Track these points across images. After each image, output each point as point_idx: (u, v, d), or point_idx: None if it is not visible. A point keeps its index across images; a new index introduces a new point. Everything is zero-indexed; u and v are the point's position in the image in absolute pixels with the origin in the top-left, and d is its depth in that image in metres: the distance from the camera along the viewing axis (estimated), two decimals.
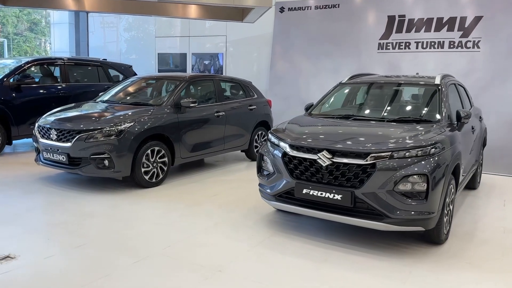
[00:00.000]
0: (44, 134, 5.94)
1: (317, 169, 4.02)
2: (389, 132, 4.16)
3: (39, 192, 5.65)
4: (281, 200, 4.34)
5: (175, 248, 3.97)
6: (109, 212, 4.99)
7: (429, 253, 4.00)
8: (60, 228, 4.40)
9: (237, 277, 3.43)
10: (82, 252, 3.85)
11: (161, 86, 7.23)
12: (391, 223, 3.79)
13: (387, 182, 3.76)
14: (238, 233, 4.43)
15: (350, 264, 3.73)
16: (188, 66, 11.36)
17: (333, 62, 9.16)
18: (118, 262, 3.65)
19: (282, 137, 4.37)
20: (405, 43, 8.52)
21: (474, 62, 7.89)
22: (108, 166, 5.58)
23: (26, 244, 3.96)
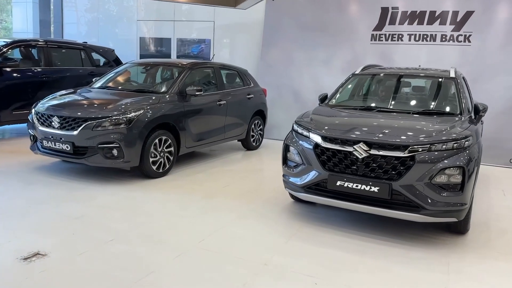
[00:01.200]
0: (44, 122, 5.60)
1: (352, 161, 4.02)
2: (423, 125, 4.21)
3: (41, 183, 5.34)
4: (310, 192, 4.31)
5: (210, 242, 3.87)
6: (125, 204, 4.80)
7: (458, 243, 4.11)
8: (82, 222, 4.18)
9: (286, 271, 3.39)
10: (115, 247, 3.67)
11: (162, 73, 6.98)
12: (428, 214, 3.86)
13: (425, 174, 3.81)
14: (265, 225, 4.37)
15: (389, 256, 3.77)
16: (173, 51, 11.04)
17: (326, 52, 9.17)
18: (158, 257, 3.51)
19: (312, 129, 4.33)
20: (398, 35, 8.64)
21: (465, 55, 8.13)
22: (117, 156, 5.35)
23: (51, 240, 3.74)
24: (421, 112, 4.70)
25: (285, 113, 9.34)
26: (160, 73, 6.98)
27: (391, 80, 5.49)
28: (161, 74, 6.96)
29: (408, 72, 5.49)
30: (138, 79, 7.01)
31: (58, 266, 3.29)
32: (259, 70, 9.67)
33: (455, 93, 4.95)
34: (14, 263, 3.28)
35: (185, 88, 6.22)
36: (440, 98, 5.04)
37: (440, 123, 4.27)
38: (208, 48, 10.61)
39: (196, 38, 10.77)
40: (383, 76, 5.51)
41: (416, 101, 5.13)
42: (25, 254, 3.43)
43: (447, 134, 3.97)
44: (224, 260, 3.53)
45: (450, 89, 5.05)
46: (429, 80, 5.32)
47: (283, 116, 9.31)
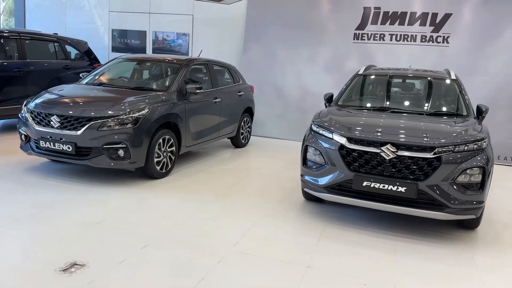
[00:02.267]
0: (41, 121, 5.28)
1: (379, 162, 4.13)
2: (443, 127, 4.40)
3: (41, 187, 5.06)
4: (333, 192, 4.39)
5: (245, 244, 3.85)
6: (140, 206, 4.65)
7: (472, 238, 4.34)
8: (104, 227, 4.01)
9: (330, 273, 3.44)
10: (153, 253, 3.56)
11: (157, 69, 6.77)
12: (451, 212, 4.05)
13: (449, 174, 4.00)
14: (290, 225, 4.41)
15: (418, 253, 3.93)
16: (148, 45, 10.71)
17: (309, 49, 9.26)
18: (201, 263, 3.45)
19: (335, 130, 4.40)
20: (380, 34, 8.90)
21: (443, 56, 8.52)
22: (123, 156, 5.15)
23: (81, 248, 3.56)
24: (432, 113, 4.90)
25: (268, 110, 9.38)
26: (155, 69, 6.76)
27: (396, 81, 5.66)
28: (156, 71, 6.74)
29: (411, 74, 5.69)
30: (131, 75, 6.75)
31: (104, 276, 3.15)
32: (241, 67, 9.61)
33: (459, 94, 5.20)
34: (56, 276, 3.10)
35: (185, 85, 6.09)
36: (446, 100, 5.27)
37: (456, 124, 4.48)
38: (186, 42, 10.40)
39: (173, 32, 10.50)
40: (388, 77, 5.67)
41: (424, 102, 5.34)
42: (61, 265, 3.26)
43: (467, 136, 4.18)
44: (266, 263, 3.53)
45: (453, 91, 5.29)
46: (433, 81, 5.53)
47: (266, 113, 9.35)
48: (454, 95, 5.25)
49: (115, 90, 5.84)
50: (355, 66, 8.96)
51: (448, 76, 5.51)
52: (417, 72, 5.77)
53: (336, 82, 9.09)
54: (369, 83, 5.74)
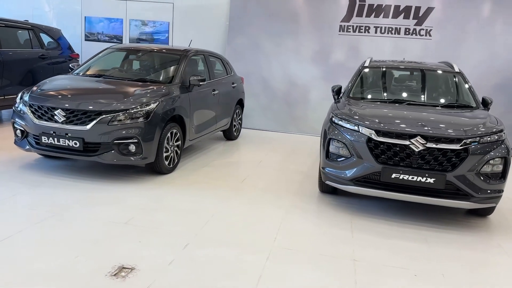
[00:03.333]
0: (43, 115, 4.94)
1: (408, 154, 4.21)
2: (465, 119, 4.54)
3: (47, 185, 4.75)
4: (359, 184, 4.43)
5: (284, 240, 3.80)
6: (162, 204, 4.47)
7: (489, 226, 4.54)
8: (135, 227, 3.83)
9: (379, 266, 3.48)
10: (197, 252, 3.44)
11: (156, 61, 6.49)
12: (476, 201, 4.21)
13: (475, 165, 4.14)
14: (319, 219, 4.41)
15: (449, 242, 4.05)
16: (125, 34, 10.26)
17: (295, 41, 9.24)
18: (250, 261, 3.38)
19: (361, 123, 4.42)
20: (365, 27, 9.03)
21: (426, 49, 8.79)
22: (135, 152, 4.93)
23: (122, 250, 3.38)
24: (447, 105, 5.05)
25: (253, 102, 9.30)
26: (153, 60, 6.48)
27: (404, 73, 5.77)
28: (155, 62, 6.47)
29: (418, 67, 5.81)
30: (128, 66, 6.44)
31: (160, 279, 3.00)
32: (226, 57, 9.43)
33: (467, 87, 5.38)
34: (110, 282, 2.92)
35: (188, 77, 5.90)
36: (455, 92, 5.44)
37: (476, 116, 4.64)
38: (166, 31, 10.06)
39: (152, 20, 10.13)
40: (396, 69, 5.76)
41: (436, 94, 5.47)
42: (110, 269, 3.07)
43: (489, 127, 4.34)
44: (314, 258, 3.51)
45: (460, 83, 5.47)
46: (440, 74, 5.68)
47: (251, 105, 9.27)
48: (461, 87, 5.42)
49: (118, 82, 5.55)
50: (341, 58, 9.10)
51: (452, 68, 5.69)
52: (423, 65, 5.90)
53: (322, 74, 9.20)
54: (377, 76, 5.80)
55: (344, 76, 9.02)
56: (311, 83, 9.26)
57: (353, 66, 8.96)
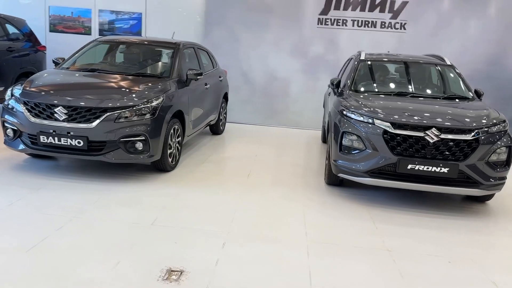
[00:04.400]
0: (41, 113, 4.62)
1: (423, 145, 4.35)
2: (471, 110, 4.75)
3: (51, 188, 4.48)
4: (375, 176, 4.53)
5: (315, 234, 3.82)
6: (181, 203, 4.35)
7: (490, 210, 4.81)
8: (164, 228, 3.70)
9: (412, 255, 3.59)
10: (238, 250, 3.39)
11: (149, 54, 6.25)
12: (484, 188, 4.44)
13: (484, 154, 4.36)
14: (339, 212, 4.44)
15: (462, 229, 4.24)
16: (94, 25, 9.76)
17: (274, 33, 9.22)
18: (293, 255, 3.38)
19: (376, 116, 4.52)
20: (343, 20, 9.17)
21: (401, 42, 9.08)
22: (142, 150, 4.74)
23: (162, 252, 3.26)
24: (447, 97, 5.27)
25: (233, 95, 9.20)
26: (145, 53, 6.22)
27: (402, 66, 5.92)
28: (147, 55, 6.22)
29: (413, 59, 5.99)
30: (120, 60, 6.15)
31: (214, 281, 2.92)
32: None
33: (460, 79, 5.63)
34: (165, 287, 2.80)
35: (184, 71, 5.75)
36: (451, 84, 5.67)
37: (479, 107, 4.88)
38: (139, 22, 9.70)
39: (123, 10, 9.71)
40: (393, 62, 5.91)
41: (435, 87, 5.68)
42: (158, 273, 2.96)
43: (494, 118, 4.58)
44: (351, 251, 3.56)
45: (454, 75, 5.71)
46: (434, 67, 5.90)
47: (231, 98, 9.15)
48: (456, 79, 5.67)
49: (117, 77, 5.29)
50: (320, 51, 9.21)
51: (444, 61, 5.92)
52: (417, 57, 6.10)
53: (302, 66, 9.27)
54: (376, 69, 5.91)
55: (324, 69, 9.19)
56: (291, 76, 9.30)
57: (332, 59, 9.14)
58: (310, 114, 9.19)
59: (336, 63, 9.11)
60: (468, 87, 5.52)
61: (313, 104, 9.17)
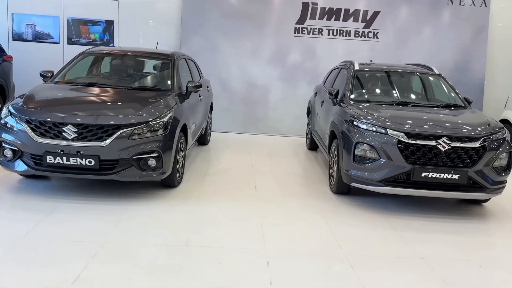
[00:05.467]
0: (47, 132, 4.35)
1: (435, 153, 4.56)
2: (474, 118, 5.04)
3: (64, 211, 4.23)
4: (389, 185, 4.68)
5: (347, 245, 3.89)
6: (204, 220, 4.26)
7: (491, 212, 5.11)
8: (200, 247, 3.63)
9: (444, 261, 3.74)
10: (284, 267, 3.38)
11: (146, 66, 6.06)
12: (489, 192, 4.73)
13: (489, 160, 4.64)
14: (358, 221, 4.51)
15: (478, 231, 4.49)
16: (62, 34, 9.28)
17: (252, 42, 9.24)
18: (341, 271, 3.42)
19: (389, 126, 4.67)
20: (319, 29, 9.37)
21: (374, 50, 9.41)
22: (155, 166, 4.60)
23: (212, 275, 3.19)
24: (444, 106, 5.55)
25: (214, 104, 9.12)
26: (142, 65, 6.02)
27: (394, 77, 6.15)
28: (144, 67, 6.02)
29: (405, 69, 6.25)
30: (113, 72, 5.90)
31: None
32: None
33: (451, 88, 5.94)
34: None
35: (183, 83, 5.65)
36: (444, 93, 5.95)
37: (478, 115, 5.19)
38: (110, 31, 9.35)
39: (93, 18, 9.33)
40: (388, 73, 6.12)
41: (431, 96, 5.94)
42: None
43: (496, 125, 4.89)
44: (389, 261, 3.66)
45: (444, 84, 6.00)
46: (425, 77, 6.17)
47: None
48: (447, 88, 5.97)
49: (119, 92, 5.10)
50: (298, 59, 9.37)
51: (432, 71, 6.23)
52: (408, 67, 6.36)
53: (280, 74, 9.38)
54: (371, 79, 6.10)
55: (302, 76, 9.36)
56: (270, 84, 9.37)
57: (310, 67, 9.33)
58: (290, 122, 9.31)
59: (314, 71, 9.33)
60: (459, 96, 5.84)
61: (293, 111, 9.30)
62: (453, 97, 5.83)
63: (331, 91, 5.91)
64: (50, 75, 5.55)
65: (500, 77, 9.78)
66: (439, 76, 6.13)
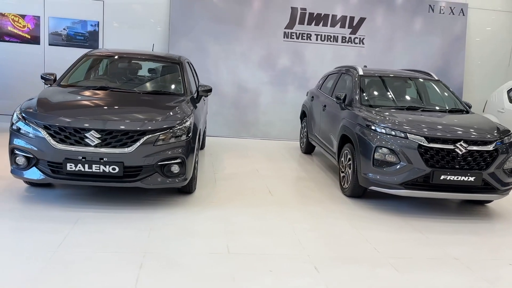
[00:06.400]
0: (68, 138, 4.14)
1: (452, 157, 4.72)
2: (485, 122, 5.26)
3: (90, 221, 4.04)
4: (409, 188, 4.80)
5: (383, 249, 3.95)
6: (235, 226, 4.19)
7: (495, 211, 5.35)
8: (243, 255, 3.57)
9: (477, 261, 3.87)
10: (335, 273, 3.38)
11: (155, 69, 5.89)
12: (499, 193, 4.95)
13: (501, 163, 4.86)
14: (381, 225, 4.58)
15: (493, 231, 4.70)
16: (43, 34, 8.85)
17: (242, 46, 9.20)
18: (385, 275, 3.46)
19: (409, 131, 4.79)
20: (307, 34, 9.47)
21: (360, 55, 9.63)
22: (178, 173, 4.48)
23: (269, 282, 3.14)
24: (451, 110, 5.77)
25: None
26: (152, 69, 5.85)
27: (398, 82, 6.31)
28: (153, 71, 5.85)
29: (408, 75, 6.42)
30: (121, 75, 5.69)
31: None
32: None
33: (450, 92, 6.18)
34: None
35: (192, 87, 5.57)
36: (446, 97, 6.17)
37: (485, 119, 5.44)
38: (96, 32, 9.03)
39: (77, 19, 8.97)
40: (388, 77, 6.27)
41: (436, 101, 6.13)
42: None
43: (504, 130, 5.12)
44: (430, 264, 3.74)
45: (445, 89, 6.23)
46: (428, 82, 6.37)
47: None
48: (448, 93, 6.19)
49: (135, 96, 4.95)
50: (287, 64, 9.44)
51: (432, 77, 6.45)
52: (409, 73, 6.55)
53: (270, 78, 9.40)
54: (377, 84, 6.22)
55: (291, 80, 9.42)
56: (260, 88, 9.37)
57: (299, 71, 9.42)
58: (280, 125, 9.35)
59: (303, 75, 9.43)
60: (460, 100, 6.08)
61: (283, 115, 9.35)
62: (456, 102, 6.06)
63: (339, 95, 5.98)
64: (53, 78, 5.29)
65: (477, 82, 10.27)
66: (438, 82, 6.36)
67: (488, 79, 10.27)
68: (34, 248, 3.41)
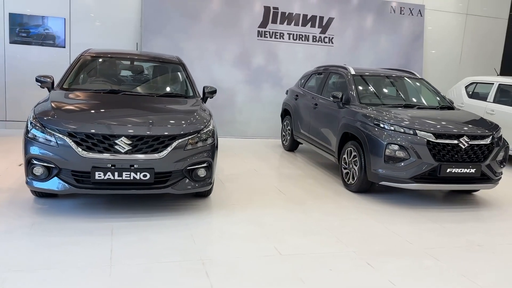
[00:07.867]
0: (97, 145, 3.92)
1: (456, 151, 5.09)
2: (472, 117, 5.69)
3: (124, 231, 3.88)
4: (419, 181, 5.10)
5: (417, 241, 4.17)
6: (275, 228, 4.23)
7: (486, 199, 5.84)
8: (297, 256, 3.62)
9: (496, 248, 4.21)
10: (388, 267, 3.54)
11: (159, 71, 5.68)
12: (493, 183, 5.41)
13: (495, 155, 5.31)
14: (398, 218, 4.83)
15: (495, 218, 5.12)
16: (3, 32, 8.15)
17: (216, 44, 9.11)
18: (436, 265, 3.68)
19: (417, 127, 5.08)
20: (280, 33, 9.59)
21: (330, 54, 9.93)
22: (204, 177, 4.42)
23: (338, 281, 3.23)
24: (441, 107, 6.17)
25: None
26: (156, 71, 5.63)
27: (388, 80, 6.63)
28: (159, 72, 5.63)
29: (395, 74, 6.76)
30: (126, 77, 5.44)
31: None
32: None
33: (435, 91, 6.61)
34: None
35: (203, 88, 5.50)
36: (432, 95, 6.58)
37: (475, 115, 5.86)
38: (62, 30, 8.49)
39: (41, 15, 8.37)
40: (381, 77, 6.57)
41: (427, 98, 6.50)
42: None
43: (495, 124, 5.59)
44: (461, 251, 4.02)
45: (431, 88, 6.65)
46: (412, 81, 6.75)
47: None
48: (433, 91, 6.62)
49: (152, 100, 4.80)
50: (262, 62, 9.52)
51: (414, 75, 6.86)
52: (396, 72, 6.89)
53: (246, 77, 9.43)
54: (371, 83, 6.48)
55: (266, 79, 9.51)
56: (235, 87, 9.36)
57: (273, 70, 9.53)
58: (256, 124, 9.42)
59: (277, 74, 9.56)
60: (444, 97, 6.52)
61: (259, 113, 9.43)
62: (442, 99, 6.50)
63: (336, 94, 6.15)
64: (51, 81, 4.96)
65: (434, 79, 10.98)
66: (422, 80, 6.77)
67: (443, 76, 11.04)
68: (86, 263, 3.22)
